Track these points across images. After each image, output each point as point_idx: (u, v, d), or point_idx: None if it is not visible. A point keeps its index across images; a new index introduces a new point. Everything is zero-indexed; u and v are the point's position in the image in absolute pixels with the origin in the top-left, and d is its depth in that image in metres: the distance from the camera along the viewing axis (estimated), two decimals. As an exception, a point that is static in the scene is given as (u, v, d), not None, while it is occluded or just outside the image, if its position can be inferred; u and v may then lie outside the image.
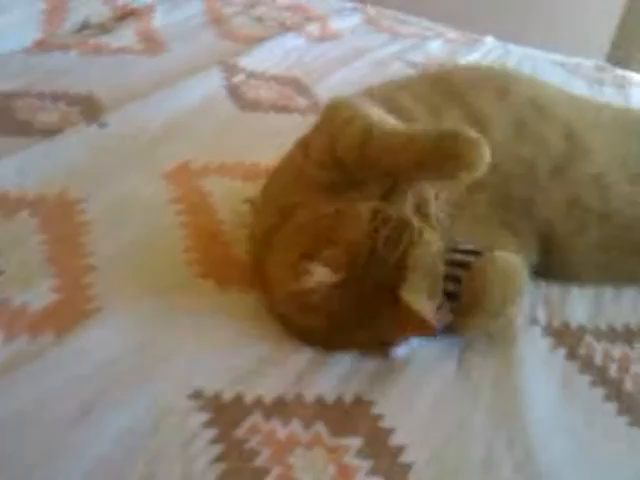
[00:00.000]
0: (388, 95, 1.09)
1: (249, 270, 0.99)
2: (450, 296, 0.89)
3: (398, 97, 1.08)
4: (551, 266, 1.07)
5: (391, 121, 0.95)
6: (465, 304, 0.90)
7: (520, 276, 0.94)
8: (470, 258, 0.93)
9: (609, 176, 1.09)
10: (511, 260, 0.94)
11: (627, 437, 0.86)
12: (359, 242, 0.84)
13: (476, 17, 2.60)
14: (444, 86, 1.13)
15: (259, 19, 1.96)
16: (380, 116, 0.95)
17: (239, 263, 1.03)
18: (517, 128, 1.08)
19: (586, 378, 0.93)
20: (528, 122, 1.09)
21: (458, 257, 0.93)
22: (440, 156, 0.84)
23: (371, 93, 1.11)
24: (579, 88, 1.85)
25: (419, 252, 0.84)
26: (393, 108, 1.02)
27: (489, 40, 2.12)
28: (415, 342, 0.90)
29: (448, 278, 0.89)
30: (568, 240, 1.06)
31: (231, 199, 1.17)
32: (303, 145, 1.02)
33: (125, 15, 1.85)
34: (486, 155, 0.82)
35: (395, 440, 0.80)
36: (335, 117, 0.98)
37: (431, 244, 0.86)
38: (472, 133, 0.83)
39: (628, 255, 1.10)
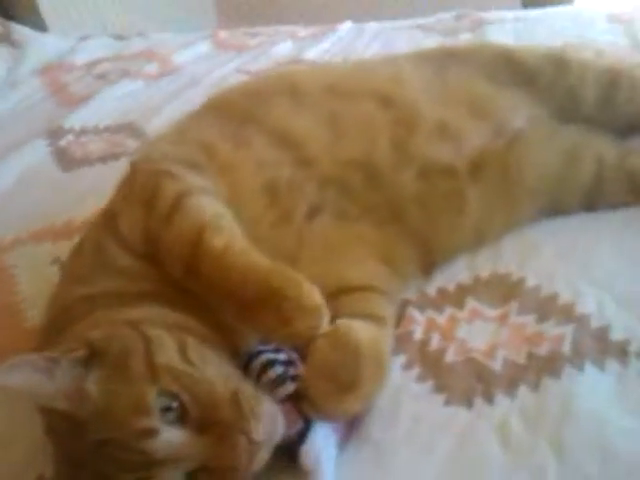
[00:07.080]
0: (201, 139, 0.91)
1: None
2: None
3: (209, 138, 0.91)
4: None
5: (226, 218, 0.79)
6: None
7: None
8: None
9: (448, 118, 0.94)
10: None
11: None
12: None
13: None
14: (236, 111, 0.97)
15: (101, 76, 1.90)
16: (214, 209, 0.80)
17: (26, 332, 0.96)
18: (330, 126, 0.91)
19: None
20: (337, 111, 0.92)
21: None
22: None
23: (183, 138, 0.94)
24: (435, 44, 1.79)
25: None
26: (211, 155, 0.88)
27: (343, 27, 2.06)
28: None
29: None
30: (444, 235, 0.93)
31: (35, 266, 1.11)
32: (108, 216, 0.86)
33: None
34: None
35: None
36: (154, 195, 0.80)
37: None
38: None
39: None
